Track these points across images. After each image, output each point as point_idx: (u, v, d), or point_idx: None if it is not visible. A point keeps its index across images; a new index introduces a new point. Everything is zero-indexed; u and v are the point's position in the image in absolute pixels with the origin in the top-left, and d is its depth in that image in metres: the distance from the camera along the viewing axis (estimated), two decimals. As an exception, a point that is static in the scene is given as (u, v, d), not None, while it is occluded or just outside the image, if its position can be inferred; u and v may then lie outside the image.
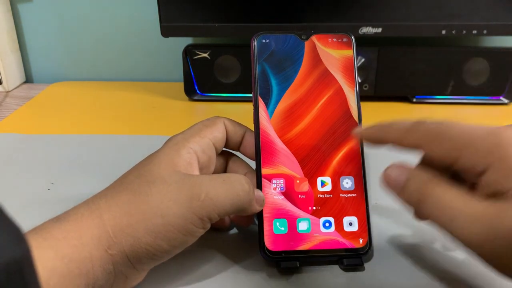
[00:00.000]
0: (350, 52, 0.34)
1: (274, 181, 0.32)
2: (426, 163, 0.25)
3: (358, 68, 0.57)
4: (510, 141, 0.21)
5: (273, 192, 0.32)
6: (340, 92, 0.34)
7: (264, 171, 0.32)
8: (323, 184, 0.33)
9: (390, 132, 0.26)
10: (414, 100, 0.62)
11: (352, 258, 0.31)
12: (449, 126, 0.24)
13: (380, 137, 0.27)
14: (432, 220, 0.23)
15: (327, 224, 0.32)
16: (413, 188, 0.24)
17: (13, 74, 0.71)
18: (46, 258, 0.24)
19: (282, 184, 0.32)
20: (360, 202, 0.32)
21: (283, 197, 0.32)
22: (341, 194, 0.32)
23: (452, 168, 0.24)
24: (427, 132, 0.24)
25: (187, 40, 0.68)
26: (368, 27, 0.56)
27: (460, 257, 0.33)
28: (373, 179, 0.42)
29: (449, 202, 0.22)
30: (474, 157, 0.22)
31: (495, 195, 0.21)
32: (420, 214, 0.24)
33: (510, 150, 0.21)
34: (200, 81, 0.63)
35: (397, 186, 0.25)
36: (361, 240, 0.32)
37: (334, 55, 0.34)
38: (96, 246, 0.26)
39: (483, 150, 0.22)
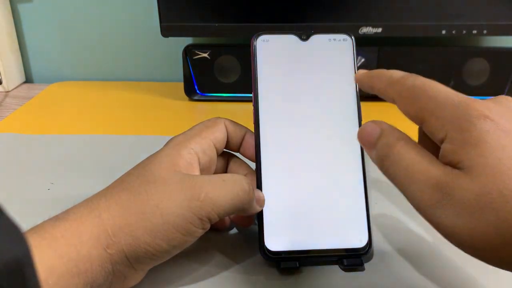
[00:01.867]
0: (350, 52, 0.34)
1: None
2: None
3: (358, 68, 0.57)
4: (475, 114, 0.21)
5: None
6: (340, 92, 0.34)
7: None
8: (323, 184, 0.33)
9: (377, 82, 0.27)
10: (414, 100, 0.62)
11: (352, 258, 0.31)
12: (428, 87, 0.23)
13: (369, 85, 0.28)
14: (391, 179, 0.23)
15: (327, 224, 0.32)
16: (382, 143, 0.24)
17: (13, 74, 0.71)
18: (45, 257, 0.24)
19: (282, 184, 0.32)
20: (360, 202, 0.32)
21: (283, 197, 0.32)
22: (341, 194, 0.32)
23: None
24: (407, 89, 0.24)
25: (187, 40, 0.68)
26: (368, 27, 0.56)
27: (460, 257, 0.33)
28: (374, 179, 0.42)
29: (410, 161, 0.22)
30: (435, 124, 0.22)
31: (450, 164, 0.21)
32: (383, 171, 0.24)
33: (472, 124, 0.21)
34: (200, 81, 0.63)
35: (369, 141, 0.25)
36: (361, 240, 0.32)
37: (334, 55, 0.34)
38: (94, 245, 0.26)
39: (445, 119, 0.22)
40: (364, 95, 0.32)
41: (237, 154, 0.35)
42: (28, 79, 0.75)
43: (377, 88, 0.27)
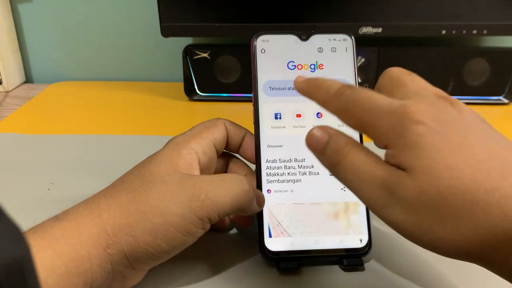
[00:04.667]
0: (350, 52, 0.34)
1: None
2: None
3: (358, 68, 0.57)
4: (409, 121, 0.22)
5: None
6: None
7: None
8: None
9: (315, 94, 0.26)
10: (414, 100, 0.62)
11: (352, 258, 0.31)
12: (363, 100, 0.24)
13: (308, 94, 0.27)
14: (343, 183, 0.24)
15: (327, 224, 0.32)
16: (331, 149, 0.24)
17: (13, 74, 0.71)
18: (45, 257, 0.24)
19: (282, 184, 0.32)
20: (360, 202, 0.32)
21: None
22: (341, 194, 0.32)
23: None
24: (342, 105, 0.24)
25: (187, 40, 0.68)
26: (368, 27, 0.56)
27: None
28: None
29: (358, 165, 0.23)
30: (374, 134, 0.23)
31: (394, 166, 0.22)
32: (335, 176, 0.24)
33: (407, 130, 0.21)
34: (200, 81, 0.63)
35: (318, 147, 0.25)
36: (361, 240, 0.32)
37: (334, 55, 0.34)
38: (94, 245, 0.26)
39: (382, 128, 0.22)
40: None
41: (237, 155, 0.35)
42: (28, 79, 0.75)
43: (316, 100, 0.26)
